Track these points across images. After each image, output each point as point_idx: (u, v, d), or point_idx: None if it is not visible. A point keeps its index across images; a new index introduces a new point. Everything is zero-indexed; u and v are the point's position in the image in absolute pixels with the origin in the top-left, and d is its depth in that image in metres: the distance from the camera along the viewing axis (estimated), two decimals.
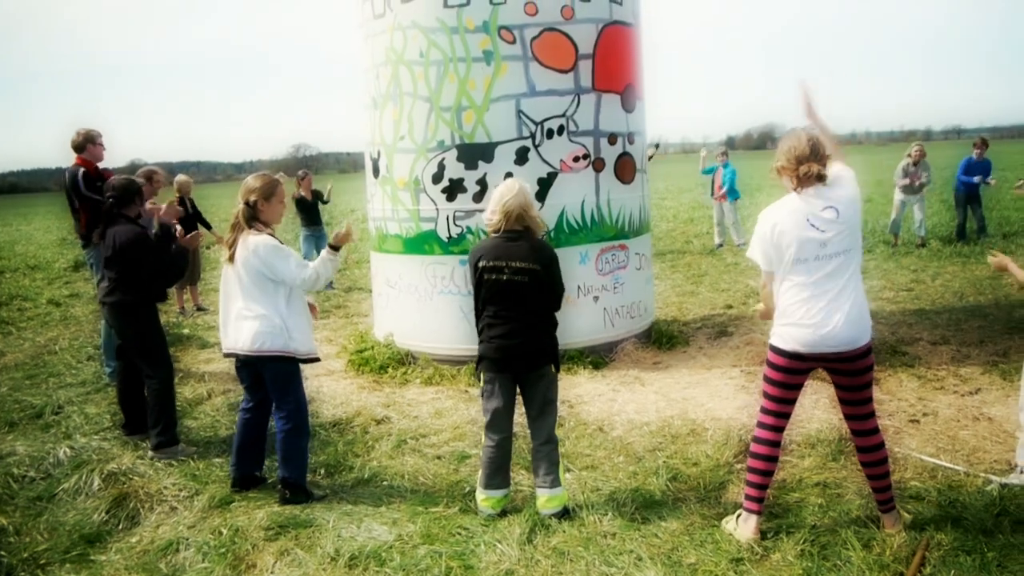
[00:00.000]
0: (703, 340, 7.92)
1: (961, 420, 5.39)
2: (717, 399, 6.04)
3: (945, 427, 5.28)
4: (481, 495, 4.26)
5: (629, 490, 4.43)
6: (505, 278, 4.03)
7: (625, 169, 7.24)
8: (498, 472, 4.22)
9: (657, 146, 12.95)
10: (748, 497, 3.86)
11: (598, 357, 7.08)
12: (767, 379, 3.81)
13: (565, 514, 4.13)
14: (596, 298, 7.15)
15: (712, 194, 15.15)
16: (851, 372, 3.71)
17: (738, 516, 3.92)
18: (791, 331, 3.65)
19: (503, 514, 4.19)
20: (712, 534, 3.87)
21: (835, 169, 3.67)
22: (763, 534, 3.81)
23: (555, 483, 4.15)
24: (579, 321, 7.00)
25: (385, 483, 4.77)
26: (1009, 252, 11.05)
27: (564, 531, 3.96)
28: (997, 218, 15.85)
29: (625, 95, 7.19)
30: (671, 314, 9.15)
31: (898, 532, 3.72)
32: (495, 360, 4.13)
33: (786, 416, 3.85)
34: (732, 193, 14.71)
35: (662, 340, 7.70)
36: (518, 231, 4.12)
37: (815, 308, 3.58)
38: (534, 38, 6.70)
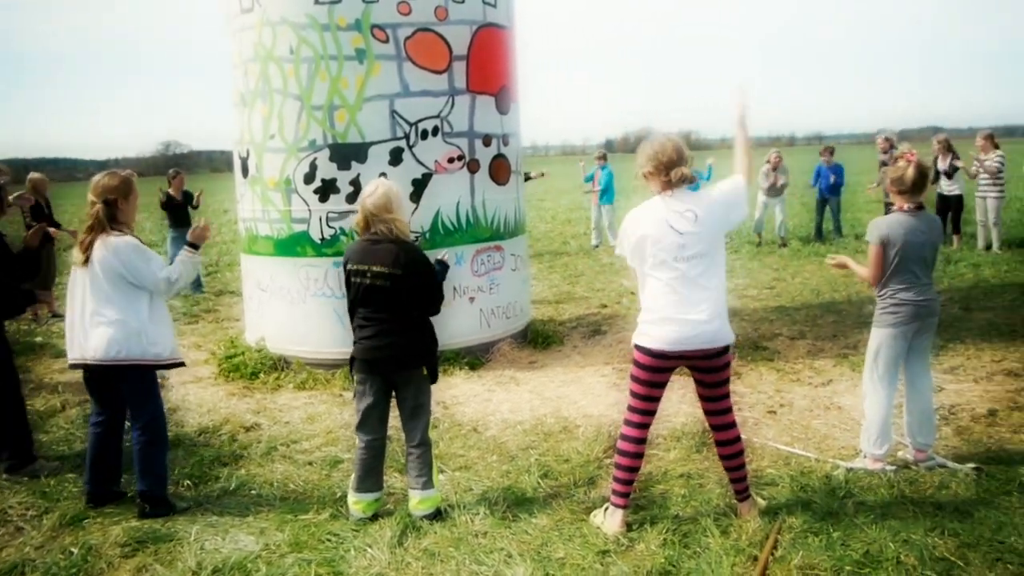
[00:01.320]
0: (578, 339, 8.08)
1: (814, 410, 5.72)
2: (590, 396, 6.18)
3: (799, 417, 5.58)
4: (352, 498, 4.20)
5: (501, 489, 4.47)
6: (368, 282, 4.00)
7: (500, 170, 7.31)
8: (369, 475, 4.17)
9: (543, 174, 13.28)
10: (615, 492, 3.96)
11: (475, 358, 7.12)
12: (633, 378, 3.93)
13: (437, 516, 4.12)
14: (472, 299, 7.18)
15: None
16: (711, 369, 3.87)
17: (605, 509, 4.02)
18: (655, 330, 3.77)
19: (375, 518, 4.15)
20: (580, 528, 3.95)
21: (732, 180, 3.84)
22: (629, 526, 3.92)
23: (427, 485, 4.14)
24: (455, 322, 7.01)
25: (253, 492, 4.63)
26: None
27: (436, 532, 3.95)
28: (851, 220, 16.86)
29: (499, 97, 7.25)
30: (548, 314, 9.30)
31: (753, 518, 3.91)
32: (365, 361, 4.09)
33: (652, 413, 3.98)
34: (608, 195, 15.06)
35: (538, 340, 7.81)
36: (383, 233, 4.07)
37: (677, 307, 3.72)
38: (407, 38, 6.67)
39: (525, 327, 7.89)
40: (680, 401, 5.86)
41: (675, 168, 3.72)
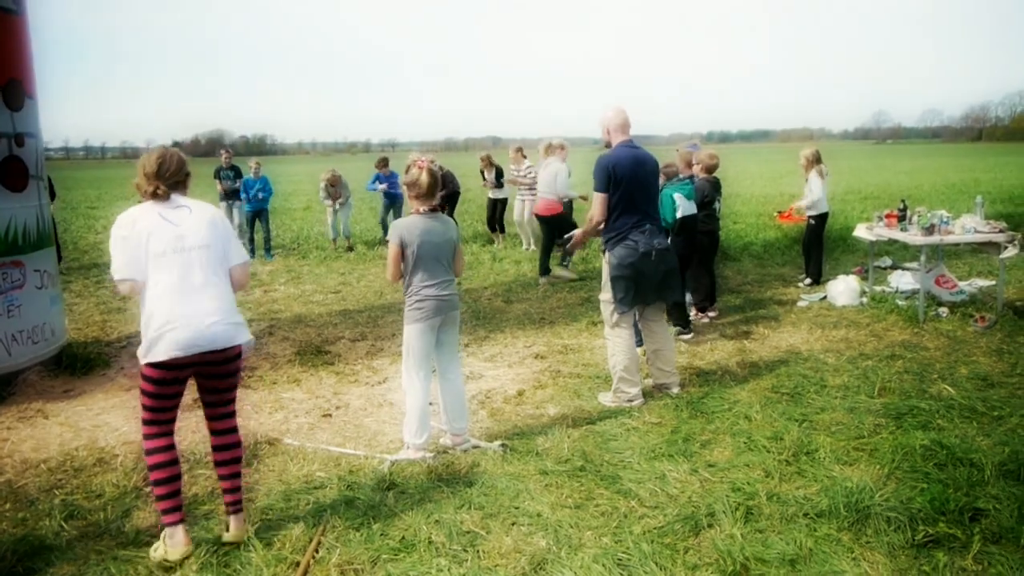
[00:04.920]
0: (126, 359, 7.38)
1: (368, 408, 5.91)
2: (133, 420, 5.64)
3: (353, 417, 5.73)
4: None
5: (12, 541, 3.87)
6: None
7: (14, 175, 6.38)
8: None
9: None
10: (165, 511, 3.65)
11: None
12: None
13: None
14: None
15: None
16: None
17: (164, 537, 3.68)
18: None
19: None
20: (108, 568, 3.58)
21: None
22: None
23: None
24: None
25: None
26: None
27: None
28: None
29: (9, 90, 6.31)
30: (92, 334, 8.38)
31: (242, 534, 3.78)
32: None
33: (172, 420, 3.75)
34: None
35: (77, 364, 6.96)
36: None
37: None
38: None
39: (59, 351, 6.99)
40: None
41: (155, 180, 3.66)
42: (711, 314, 8.38)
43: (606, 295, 5.78)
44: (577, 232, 6.25)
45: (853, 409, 5.40)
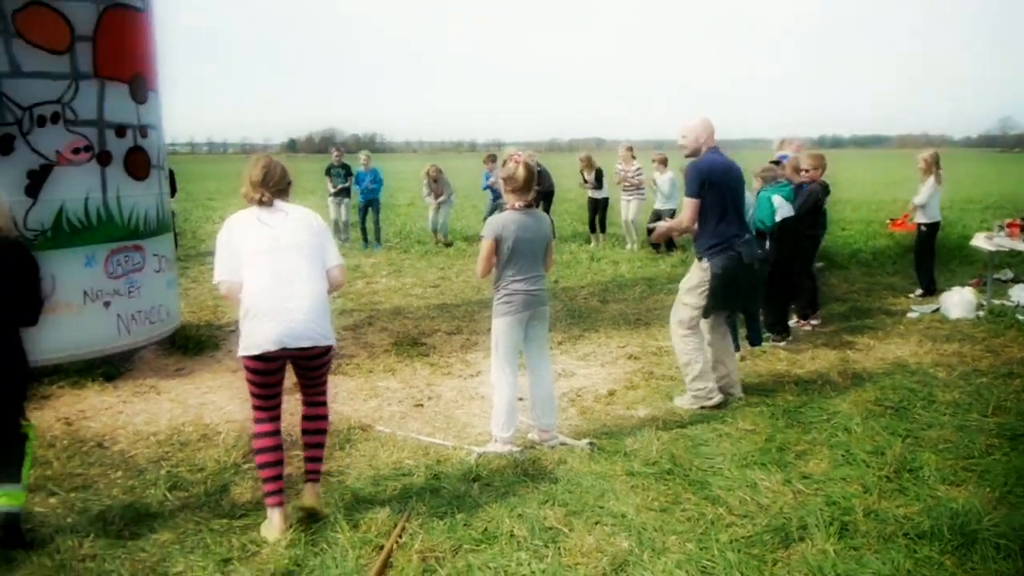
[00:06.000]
0: (234, 343, 7.64)
1: (459, 401, 5.98)
2: (237, 400, 5.90)
3: (445, 408, 5.81)
4: None
5: (121, 507, 4.11)
6: None
7: (137, 164, 6.75)
8: None
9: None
10: (267, 493, 3.85)
11: (111, 367, 6.48)
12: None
13: (15, 524, 3.66)
14: (107, 303, 6.54)
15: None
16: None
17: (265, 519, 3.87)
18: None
19: None
20: (204, 539, 3.75)
21: None
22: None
23: (13, 477, 3.70)
24: (87, 330, 6.35)
25: None
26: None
27: (32, 561, 3.53)
28: None
29: (134, 84, 6.69)
30: (204, 318, 8.79)
31: (313, 501, 3.93)
32: None
33: (276, 407, 3.93)
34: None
35: (189, 345, 7.33)
36: None
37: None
38: (17, 11, 5.90)
39: (173, 332, 7.36)
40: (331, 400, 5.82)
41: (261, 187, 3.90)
42: (813, 322, 8.10)
43: (691, 299, 5.67)
44: (662, 225, 6.24)
45: (963, 427, 5.12)
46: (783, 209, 7.17)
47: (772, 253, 7.08)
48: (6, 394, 3.68)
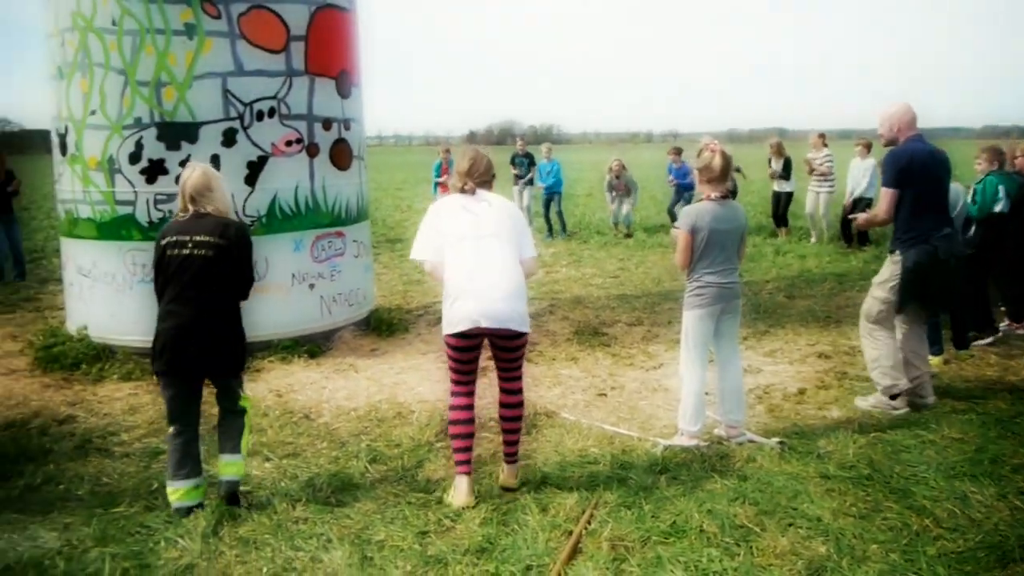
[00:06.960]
0: (423, 327, 8.07)
1: (642, 392, 5.96)
2: (427, 382, 6.18)
3: (628, 399, 5.80)
4: (169, 487, 4.01)
5: (327, 475, 4.42)
6: (187, 252, 3.86)
7: (341, 155, 7.19)
8: (185, 461, 3.98)
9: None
10: (457, 462, 4.07)
11: (314, 345, 6.97)
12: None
13: (236, 491, 4.03)
14: (312, 286, 7.03)
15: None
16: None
17: (453, 486, 4.09)
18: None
19: (199, 507, 3.97)
20: (403, 511, 3.95)
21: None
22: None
23: (235, 449, 4.05)
24: (294, 309, 6.86)
25: (61, 487, 4.37)
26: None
27: (253, 520, 3.86)
28: None
29: (340, 80, 7.12)
30: (395, 302, 9.24)
31: (511, 481, 4.17)
32: (167, 360, 3.90)
33: (472, 383, 4.16)
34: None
35: (382, 327, 7.74)
36: (206, 212, 3.97)
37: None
38: (241, 14, 6.43)
39: (368, 314, 7.80)
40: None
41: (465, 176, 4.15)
42: None
43: (880, 292, 5.33)
44: (861, 216, 6.01)
45: None
46: (1004, 202, 6.65)
47: (975, 240, 6.64)
48: (229, 359, 4.03)
